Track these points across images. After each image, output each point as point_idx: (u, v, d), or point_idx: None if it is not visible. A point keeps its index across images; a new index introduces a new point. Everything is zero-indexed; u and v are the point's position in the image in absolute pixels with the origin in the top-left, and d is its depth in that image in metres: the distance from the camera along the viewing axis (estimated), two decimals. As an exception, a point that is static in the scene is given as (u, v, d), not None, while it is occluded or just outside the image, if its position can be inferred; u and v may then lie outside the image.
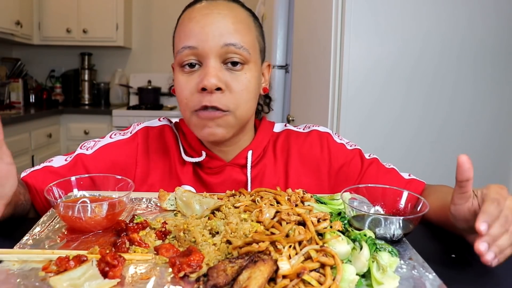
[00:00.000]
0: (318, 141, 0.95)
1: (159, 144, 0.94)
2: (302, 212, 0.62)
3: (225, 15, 0.81)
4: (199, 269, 0.52)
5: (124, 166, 0.91)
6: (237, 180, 0.91)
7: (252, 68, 0.84)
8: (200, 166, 0.91)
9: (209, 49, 0.79)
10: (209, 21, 0.80)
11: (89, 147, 0.91)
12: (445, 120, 1.57)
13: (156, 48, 4.18)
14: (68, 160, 0.89)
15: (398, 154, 1.57)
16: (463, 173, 0.62)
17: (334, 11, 1.55)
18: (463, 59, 1.54)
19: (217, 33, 0.79)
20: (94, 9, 3.75)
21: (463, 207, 0.64)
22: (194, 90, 0.81)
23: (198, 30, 0.80)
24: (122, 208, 0.69)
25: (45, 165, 0.88)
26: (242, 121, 0.86)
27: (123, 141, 0.93)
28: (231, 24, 0.81)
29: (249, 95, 0.83)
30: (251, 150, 0.92)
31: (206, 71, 0.79)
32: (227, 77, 0.81)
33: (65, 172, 0.87)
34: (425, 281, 0.53)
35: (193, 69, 0.82)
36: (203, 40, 0.79)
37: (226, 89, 0.80)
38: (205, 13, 0.81)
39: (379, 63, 1.53)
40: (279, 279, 0.48)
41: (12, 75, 3.75)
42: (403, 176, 0.95)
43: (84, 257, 0.53)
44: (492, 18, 1.52)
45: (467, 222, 0.64)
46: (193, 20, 0.81)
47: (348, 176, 0.94)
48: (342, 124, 1.56)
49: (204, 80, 0.78)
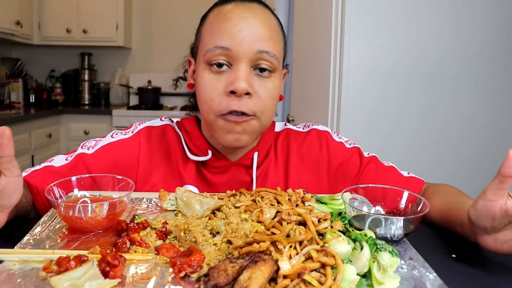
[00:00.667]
0: (317, 140, 0.96)
1: (162, 143, 0.93)
2: (302, 212, 0.62)
3: (262, 21, 0.81)
4: (200, 269, 0.53)
5: (126, 166, 0.91)
6: (241, 180, 0.91)
7: (278, 76, 0.85)
8: (205, 165, 0.91)
9: (243, 53, 0.79)
10: (247, 25, 0.79)
11: (90, 147, 0.91)
12: (445, 120, 1.57)
13: (156, 48, 4.18)
14: (69, 160, 0.89)
15: (398, 154, 1.57)
16: (509, 168, 0.59)
17: (334, 11, 1.55)
18: (463, 59, 1.54)
19: (253, 38, 0.79)
20: (94, 9, 3.75)
21: (494, 204, 0.60)
22: (222, 92, 0.80)
23: (235, 32, 0.79)
24: (122, 208, 0.69)
25: (46, 165, 0.88)
26: (265, 127, 0.87)
27: (124, 141, 0.92)
28: (267, 32, 0.81)
29: (273, 102, 0.84)
30: (257, 152, 0.92)
31: (237, 75, 0.78)
32: (255, 82, 0.81)
33: (66, 171, 0.86)
34: (425, 281, 0.53)
35: (221, 69, 0.81)
36: (238, 43, 0.79)
37: (254, 95, 0.80)
38: (243, 16, 0.80)
39: (379, 63, 1.53)
40: (279, 279, 0.48)
41: (12, 75, 3.75)
42: (402, 173, 0.95)
43: (84, 257, 0.53)
44: (492, 17, 1.52)
45: (492, 220, 0.61)
46: (230, 21, 0.80)
47: (347, 174, 0.94)
48: (342, 124, 1.56)
49: (235, 84, 0.78)
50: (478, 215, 0.63)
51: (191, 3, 3.96)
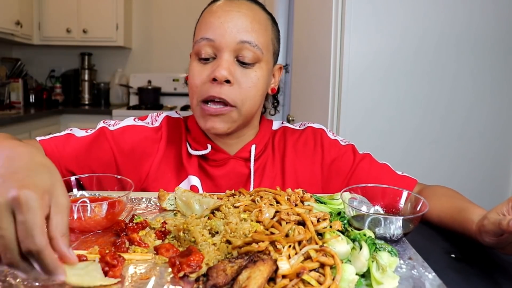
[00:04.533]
0: (312, 136, 0.99)
1: (175, 135, 0.97)
2: (301, 212, 0.62)
3: (245, 14, 0.85)
4: (199, 269, 0.52)
5: (146, 149, 0.94)
6: (240, 172, 0.94)
7: (263, 67, 0.87)
8: (205, 159, 0.94)
9: (225, 43, 0.84)
10: (229, 17, 0.84)
11: (111, 124, 0.95)
12: (444, 119, 1.57)
13: (156, 48, 4.18)
14: (90, 132, 0.92)
15: (398, 153, 1.57)
16: None
17: (334, 12, 1.55)
18: (463, 57, 1.54)
19: (234, 29, 0.84)
20: (94, 9, 3.75)
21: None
22: (206, 80, 0.85)
23: (217, 24, 0.84)
24: (121, 208, 0.69)
25: (67, 133, 0.92)
26: (246, 117, 0.89)
27: (148, 129, 0.96)
28: (249, 23, 0.85)
29: (256, 92, 0.87)
30: (255, 144, 0.95)
31: (219, 63, 0.83)
32: (238, 71, 0.85)
33: (88, 142, 0.90)
34: (424, 280, 0.53)
35: (208, 61, 0.86)
36: (221, 34, 0.84)
37: (235, 83, 0.84)
38: (227, 10, 0.86)
39: (379, 64, 1.53)
40: (278, 279, 0.48)
41: (12, 75, 3.75)
42: (396, 172, 0.96)
43: (84, 257, 0.53)
44: (490, 13, 1.52)
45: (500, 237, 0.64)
46: (214, 15, 0.86)
47: (341, 169, 0.96)
48: (342, 124, 1.56)
49: (216, 71, 0.83)
50: (491, 224, 0.65)
51: (191, 3, 3.96)
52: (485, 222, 0.66)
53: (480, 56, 1.54)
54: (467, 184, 1.58)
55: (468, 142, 1.58)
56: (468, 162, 1.59)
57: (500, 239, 0.64)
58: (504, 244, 0.64)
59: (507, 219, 0.60)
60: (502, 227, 0.61)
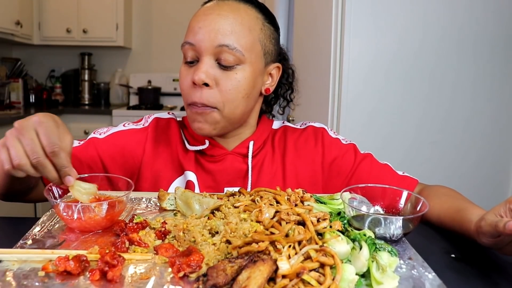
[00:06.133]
0: (313, 135, 0.99)
1: (165, 134, 0.98)
2: (301, 211, 0.62)
3: (225, 17, 0.84)
4: (199, 269, 0.52)
5: (132, 150, 0.96)
6: (238, 168, 0.94)
7: (246, 69, 0.86)
8: (203, 154, 0.95)
9: (204, 47, 0.84)
10: (207, 22, 0.84)
11: (101, 132, 0.97)
12: (445, 119, 1.57)
13: (156, 48, 4.18)
14: (81, 143, 0.95)
15: (398, 153, 1.57)
16: None
17: (334, 12, 1.55)
18: (463, 57, 1.54)
19: (212, 34, 0.83)
20: (94, 9, 3.74)
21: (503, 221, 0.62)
22: (190, 83, 0.86)
23: (196, 29, 0.85)
24: (121, 208, 0.69)
25: None
26: (230, 119, 0.88)
27: (135, 130, 0.98)
28: (228, 26, 0.84)
29: (238, 94, 0.86)
30: (253, 141, 0.95)
31: (198, 67, 0.85)
32: (218, 74, 0.85)
33: (78, 152, 0.92)
34: (424, 280, 0.53)
35: (193, 64, 0.87)
36: (200, 39, 0.84)
37: (215, 86, 0.85)
38: (207, 14, 0.86)
39: (379, 63, 1.53)
40: (278, 279, 0.48)
41: (12, 75, 3.74)
42: (397, 172, 0.96)
43: (83, 256, 0.53)
44: (491, 14, 1.52)
45: (497, 238, 0.64)
46: (196, 19, 0.87)
47: (341, 169, 0.96)
48: (342, 124, 1.56)
49: (194, 75, 0.84)
50: (486, 233, 0.65)
51: (190, 3, 3.95)
52: (482, 223, 0.66)
53: (480, 57, 1.54)
54: (467, 184, 1.58)
55: (469, 142, 1.58)
56: (468, 162, 1.59)
57: (497, 240, 0.64)
58: (501, 245, 0.64)
59: (503, 221, 0.60)
60: (498, 229, 0.61)
